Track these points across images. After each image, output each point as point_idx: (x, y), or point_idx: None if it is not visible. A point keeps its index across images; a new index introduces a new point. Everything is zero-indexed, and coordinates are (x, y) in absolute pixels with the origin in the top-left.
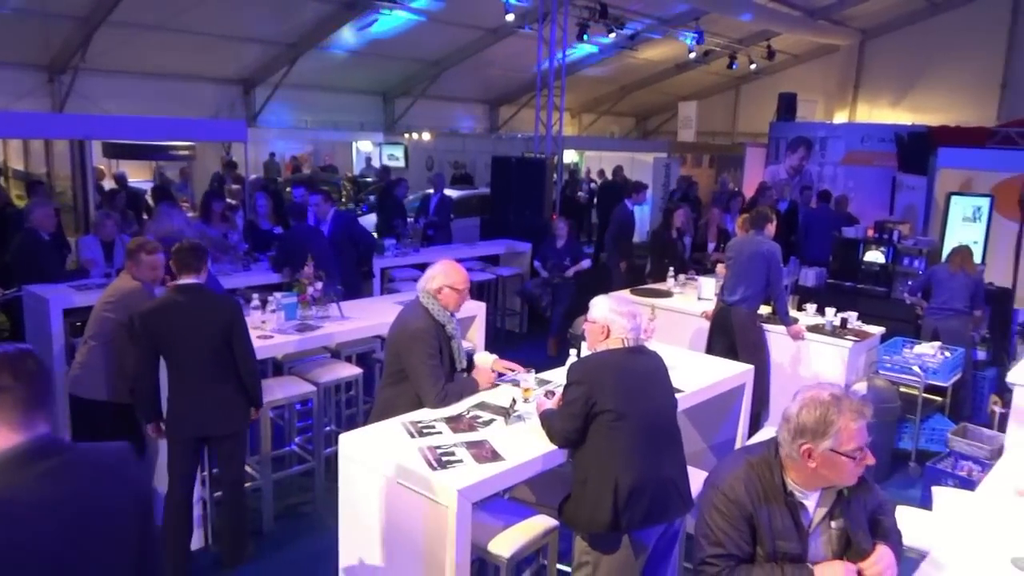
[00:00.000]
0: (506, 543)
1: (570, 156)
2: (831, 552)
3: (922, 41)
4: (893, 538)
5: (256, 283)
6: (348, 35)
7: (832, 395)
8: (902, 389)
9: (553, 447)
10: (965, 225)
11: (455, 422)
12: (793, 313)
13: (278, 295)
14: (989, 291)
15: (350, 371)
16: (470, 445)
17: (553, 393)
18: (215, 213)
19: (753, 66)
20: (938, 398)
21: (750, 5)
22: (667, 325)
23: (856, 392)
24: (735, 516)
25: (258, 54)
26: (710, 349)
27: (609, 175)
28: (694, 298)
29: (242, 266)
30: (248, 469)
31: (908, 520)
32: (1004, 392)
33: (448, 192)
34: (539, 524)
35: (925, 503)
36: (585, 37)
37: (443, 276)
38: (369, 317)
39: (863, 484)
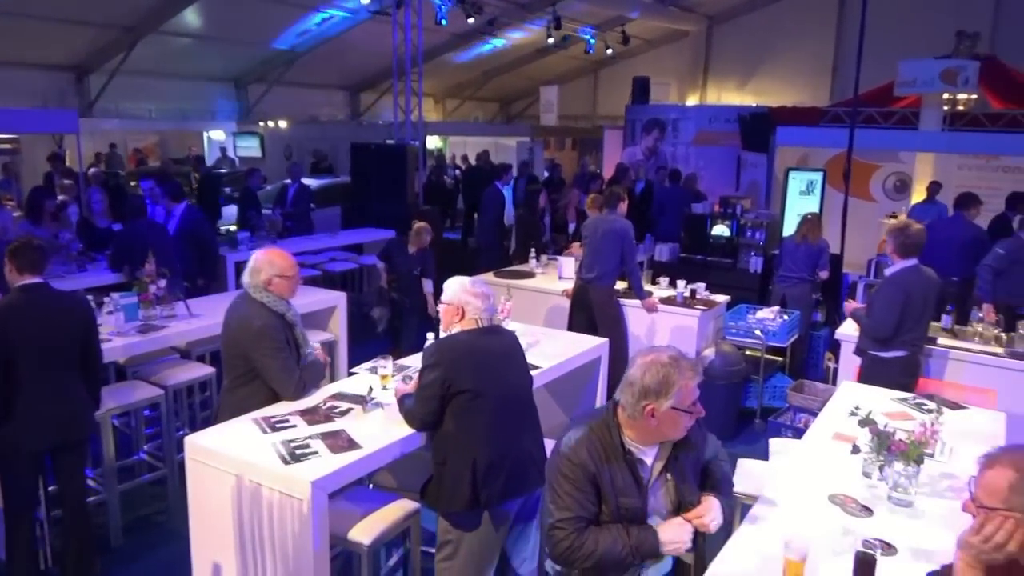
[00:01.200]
0: (366, 530)
1: (435, 142)
2: (670, 502)
3: (763, 27)
4: (722, 487)
5: (92, 284)
6: (192, 18)
7: (671, 357)
8: (747, 352)
9: (411, 431)
10: (802, 198)
11: (311, 414)
12: (647, 287)
13: (116, 295)
14: None
15: (202, 371)
16: (326, 436)
17: (411, 378)
18: (45, 211)
19: (609, 51)
20: (779, 358)
21: None
22: (530, 305)
23: (706, 356)
24: (580, 479)
25: (91, 38)
26: (571, 326)
27: (473, 160)
28: (556, 278)
29: (76, 267)
30: (90, 483)
31: (748, 470)
32: (836, 349)
33: (307, 181)
34: (400, 508)
35: (765, 455)
36: (443, 22)
37: (269, 266)
38: (221, 314)
39: (689, 441)
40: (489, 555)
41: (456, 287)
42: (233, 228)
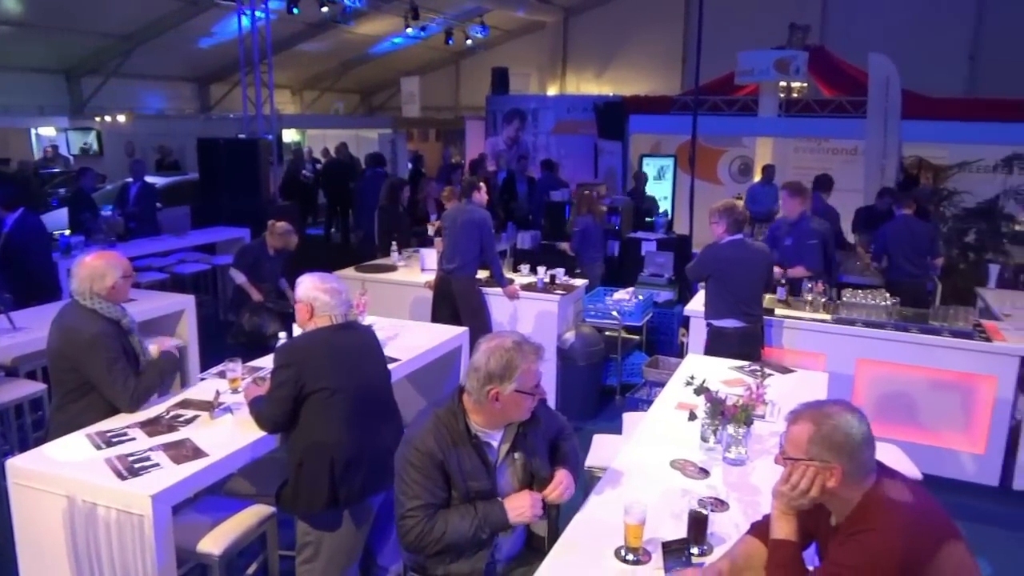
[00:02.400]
0: (216, 540)
1: (292, 136)
2: (517, 482)
3: (617, 19)
4: (571, 461)
5: None
6: (11, 3)
7: (514, 342)
8: (607, 333)
9: (263, 434)
10: (655, 183)
11: (152, 425)
12: (509, 275)
13: None
14: (670, 239)
15: (31, 388)
16: (168, 447)
17: (264, 379)
18: None
19: (469, 42)
20: (636, 336)
21: None
22: (393, 298)
23: (566, 339)
24: (428, 467)
25: None
26: (435, 317)
27: (334, 153)
28: (418, 270)
29: None
30: None
31: (602, 445)
32: (688, 324)
33: (152, 179)
34: (253, 514)
35: (620, 429)
36: (295, 11)
37: (111, 270)
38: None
39: (534, 418)
40: (351, 553)
41: (306, 284)
42: (66, 232)
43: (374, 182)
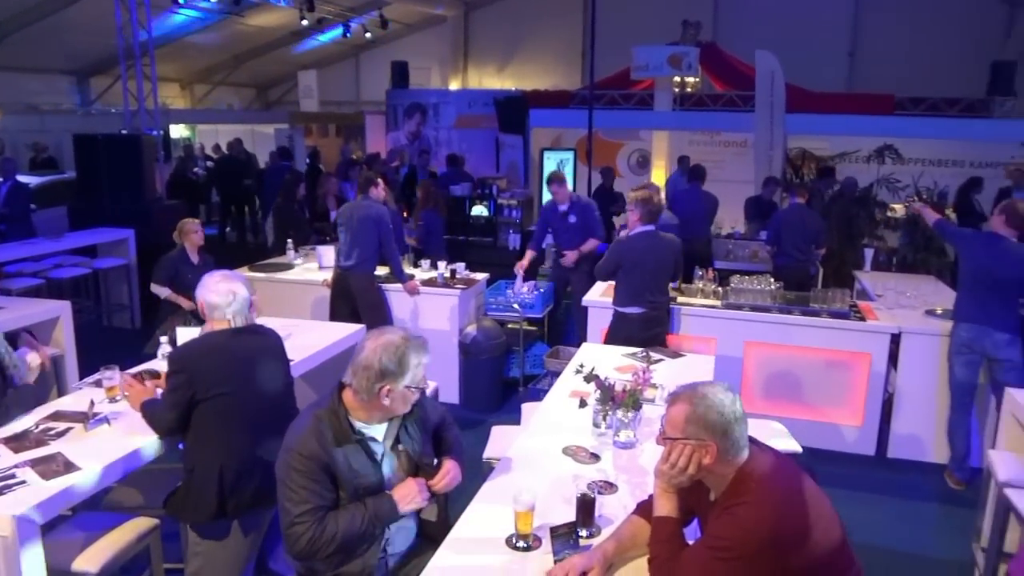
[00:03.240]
0: (93, 558)
1: (182, 131)
2: (404, 473)
3: (518, 13)
4: (455, 449)
5: None
6: None
7: (402, 337)
8: (509, 325)
9: (142, 444)
10: None
11: (18, 441)
12: (410, 270)
13: None
14: None
15: None
16: (37, 462)
17: (144, 379)
18: None
19: (368, 35)
20: (534, 328)
21: None
22: (291, 297)
23: (468, 333)
24: (313, 470)
25: None
26: (334, 315)
27: (226, 149)
28: (316, 267)
29: None
30: None
31: (500, 436)
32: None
33: (24, 179)
34: (135, 528)
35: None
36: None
37: None
38: None
39: (415, 410)
40: (241, 564)
41: (201, 287)
42: None
43: (280, 177)
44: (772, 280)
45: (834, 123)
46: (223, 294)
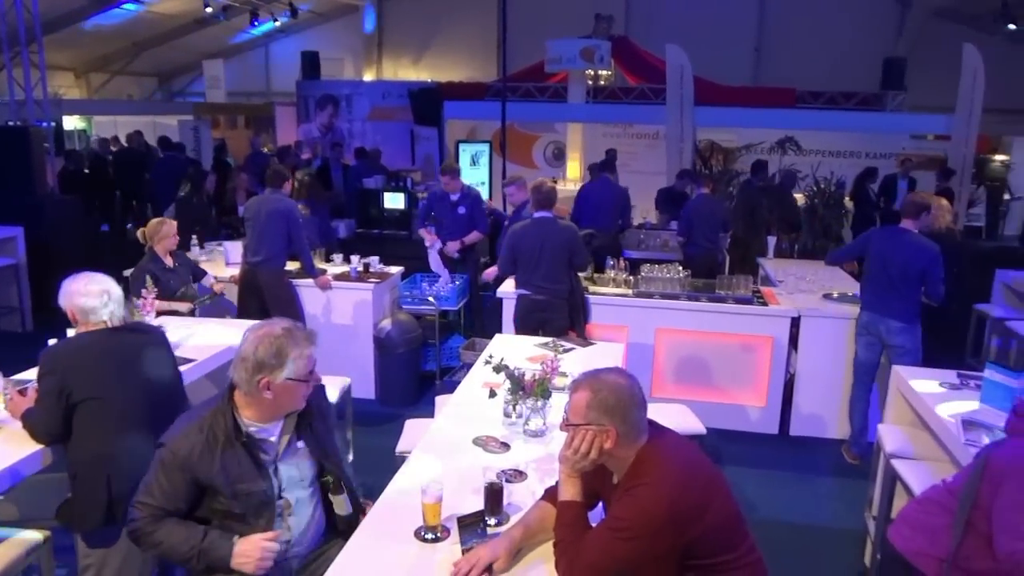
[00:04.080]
0: None
1: (76, 123)
2: (307, 469)
3: (433, 4)
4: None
5: None
6: None
7: (283, 328)
8: (428, 318)
9: (23, 454)
10: (473, 168)
11: None
12: (322, 265)
13: None
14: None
15: None
16: None
17: (27, 390)
18: None
19: (278, 23)
20: (444, 320)
21: None
22: None
23: (383, 328)
24: (172, 472)
25: None
26: (243, 312)
27: (125, 142)
28: (223, 264)
29: None
30: None
31: (413, 429)
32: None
33: None
34: (17, 545)
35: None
36: None
37: None
38: None
39: (311, 408)
40: (136, 570)
41: (64, 290)
42: None
43: (169, 168)
44: (681, 268)
45: (740, 116)
46: (96, 296)
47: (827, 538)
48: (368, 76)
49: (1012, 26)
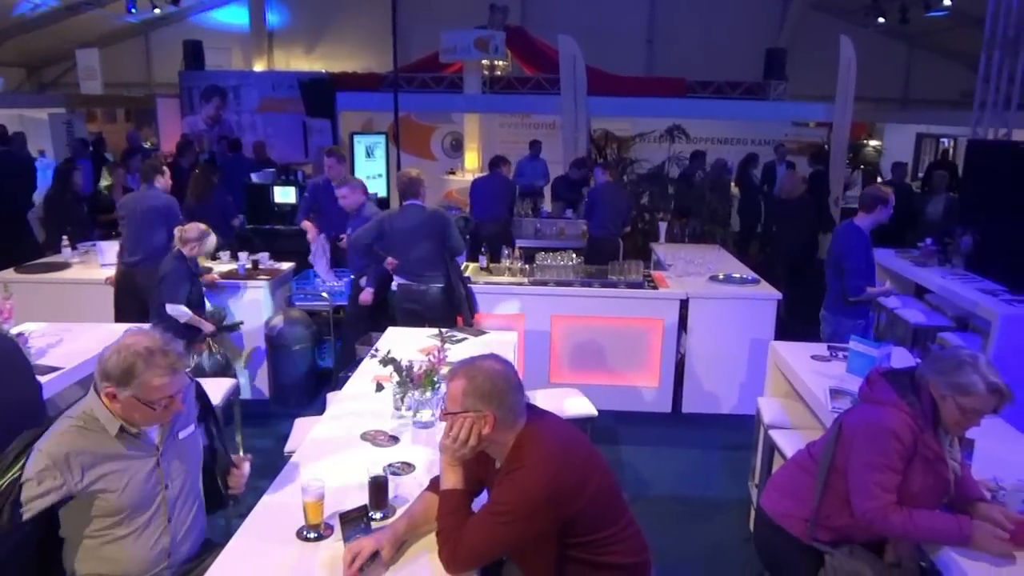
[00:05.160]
0: None
1: None
2: (191, 465)
3: None
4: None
5: None
6: None
7: (147, 347)
8: (323, 315)
9: None
10: (368, 161)
11: None
12: (207, 263)
13: None
14: None
15: None
16: None
17: None
18: None
19: (157, 10)
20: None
21: None
22: (67, 299)
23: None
24: (47, 468)
25: None
26: (121, 316)
27: None
28: (97, 265)
29: None
30: None
31: (302, 428)
32: None
33: None
34: None
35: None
36: None
37: None
38: None
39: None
40: None
41: None
42: None
43: (10, 163)
44: (574, 255)
45: (632, 105)
46: None
47: (716, 508)
48: (259, 66)
49: (882, 19)
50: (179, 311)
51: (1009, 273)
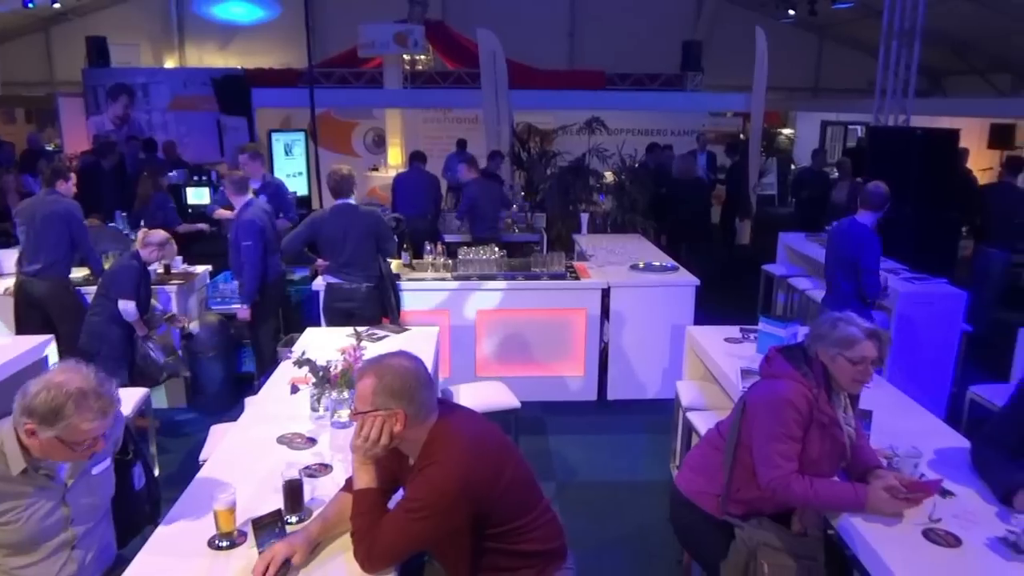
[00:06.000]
0: None
1: None
2: (102, 495)
3: None
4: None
5: None
6: None
7: (79, 388)
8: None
9: None
10: (288, 159)
11: None
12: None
13: None
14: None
15: None
16: None
17: None
18: None
19: (57, 5)
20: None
21: None
22: None
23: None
24: None
25: None
26: (22, 328)
27: None
28: None
29: None
30: None
31: (217, 435)
32: None
33: None
34: None
35: None
36: None
37: None
38: None
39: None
40: None
41: None
42: None
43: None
44: (496, 249)
45: (553, 98)
46: None
47: (641, 491)
48: (169, 63)
49: (792, 12)
50: (129, 309)
51: (909, 253)
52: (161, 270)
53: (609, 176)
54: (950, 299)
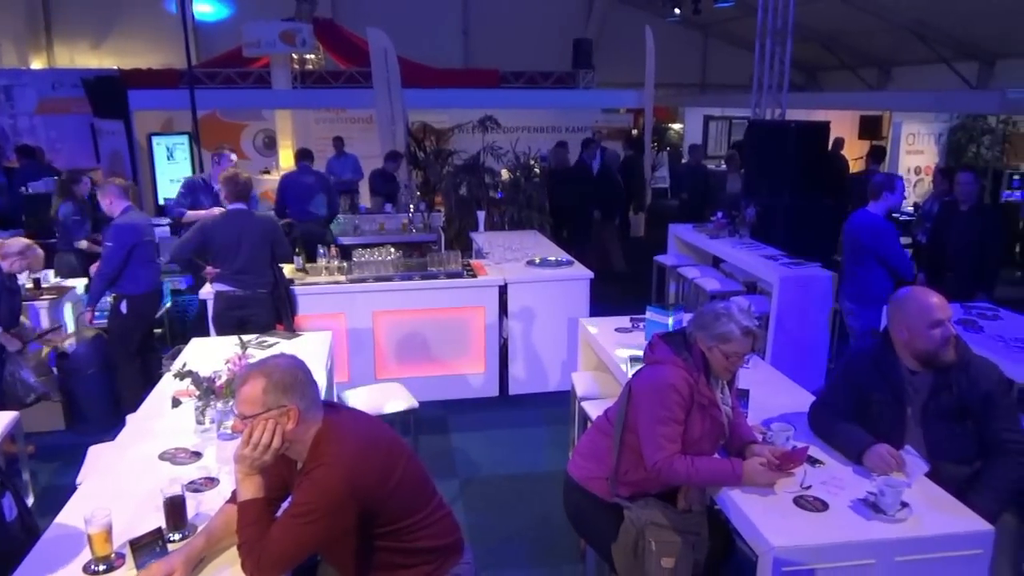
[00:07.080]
0: None
1: None
2: None
3: None
4: None
5: None
6: None
7: None
8: None
9: None
10: (170, 164)
11: None
12: None
13: None
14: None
15: None
16: None
17: None
18: None
19: None
20: (159, 330)
21: None
22: None
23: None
24: None
25: None
26: None
27: None
28: None
29: None
30: None
31: (96, 457)
32: None
33: None
34: None
35: None
36: None
37: None
38: None
39: None
40: None
41: None
42: None
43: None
44: (392, 249)
45: (447, 97)
46: None
47: (541, 482)
48: (36, 63)
49: (678, 10)
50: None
51: (787, 240)
52: (30, 284)
53: (505, 174)
54: (821, 281)
